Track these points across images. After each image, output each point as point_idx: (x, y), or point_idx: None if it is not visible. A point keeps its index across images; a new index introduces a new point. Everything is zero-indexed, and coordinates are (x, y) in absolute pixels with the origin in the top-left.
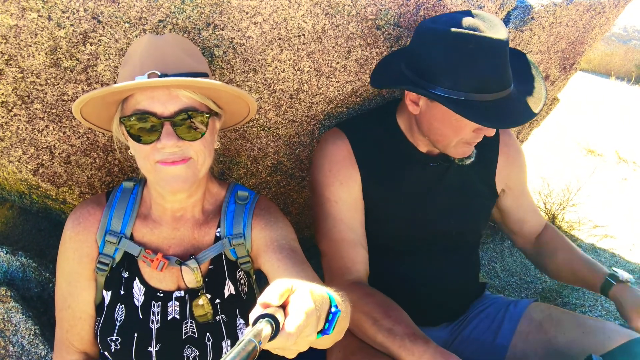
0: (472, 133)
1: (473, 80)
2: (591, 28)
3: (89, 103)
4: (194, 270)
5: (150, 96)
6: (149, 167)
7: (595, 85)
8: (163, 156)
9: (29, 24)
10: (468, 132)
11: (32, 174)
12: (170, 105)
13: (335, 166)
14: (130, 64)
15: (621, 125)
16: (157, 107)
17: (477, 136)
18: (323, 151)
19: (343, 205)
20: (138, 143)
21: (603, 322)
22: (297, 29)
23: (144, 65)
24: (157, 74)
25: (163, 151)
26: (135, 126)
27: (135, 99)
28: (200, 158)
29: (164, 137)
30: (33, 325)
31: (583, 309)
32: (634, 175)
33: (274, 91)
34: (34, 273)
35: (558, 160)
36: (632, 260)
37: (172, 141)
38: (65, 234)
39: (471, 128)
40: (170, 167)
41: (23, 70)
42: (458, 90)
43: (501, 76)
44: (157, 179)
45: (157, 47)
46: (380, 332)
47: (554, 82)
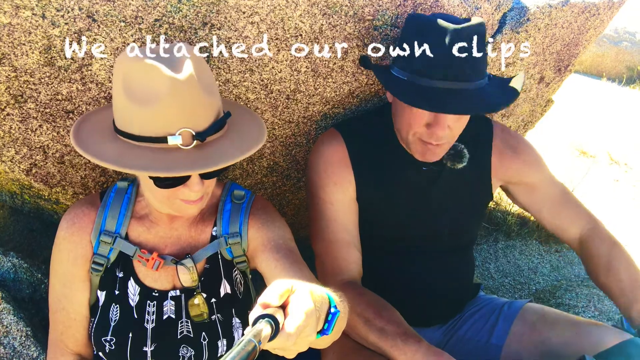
0: (424, 128)
1: (418, 62)
2: (586, 30)
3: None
4: (190, 270)
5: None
6: (165, 201)
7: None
8: (187, 198)
9: (23, 22)
10: (419, 125)
11: (24, 174)
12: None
13: (330, 167)
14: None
15: (613, 127)
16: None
17: (430, 134)
18: (319, 152)
19: (337, 206)
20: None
21: (596, 323)
22: (294, 29)
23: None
24: (191, 133)
25: (186, 194)
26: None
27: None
28: (211, 190)
29: (193, 185)
30: (25, 327)
31: (576, 309)
32: (625, 177)
33: (271, 92)
34: (25, 274)
35: (551, 162)
36: None
37: (199, 187)
38: (59, 235)
39: (421, 120)
40: (190, 205)
41: (16, 69)
42: (405, 71)
43: (451, 63)
44: (171, 209)
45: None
46: (372, 332)
47: (549, 83)
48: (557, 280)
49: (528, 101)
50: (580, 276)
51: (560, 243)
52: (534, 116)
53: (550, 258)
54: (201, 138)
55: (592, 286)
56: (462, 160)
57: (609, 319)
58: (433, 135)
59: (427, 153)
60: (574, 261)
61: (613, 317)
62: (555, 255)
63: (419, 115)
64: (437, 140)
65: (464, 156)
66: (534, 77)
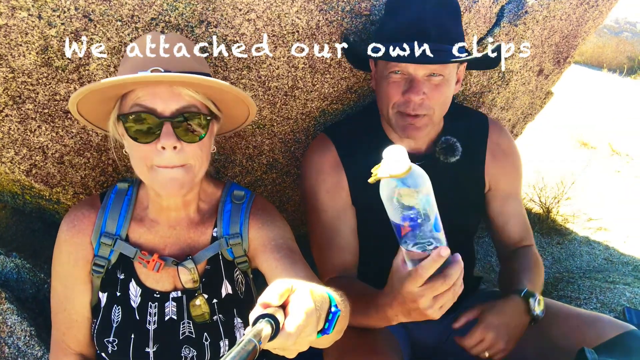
0: (401, 97)
1: (389, 30)
2: (584, 21)
3: (87, 97)
4: (191, 271)
5: (152, 92)
6: (145, 169)
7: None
8: (161, 161)
9: (19, 23)
10: (396, 94)
11: (25, 175)
12: (172, 103)
13: (322, 175)
14: (132, 60)
15: (614, 118)
16: (158, 104)
17: (406, 102)
18: (310, 160)
19: (331, 213)
20: (136, 142)
21: (598, 315)
22: (291, 26)
23: (147, 62)
24: (160, 71)
25: (162, 156)
26: (134, 124)
27: (136, 94)
28: (197, 163)
29: (163, 137)
30: (28, 327)
31: (578, 301)
32: (627, 168)
33: (269, 88)
34: (28, 274)
35: (552, 154)
36: (626, 252)
37: (172, 141)
38: (60, 238)
39: (398, 88)
40: (167, 170)
41: (14, 70)
42: (379, 43)
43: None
44: (152, 181)
45: (160, 45)
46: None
47: (548, 75)
48: (559, 273)
49: (527, 93)
50: (582, 268)
51: (562, 235)
52: (533, 108)
53: (552, 250)
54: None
55: (594, 278)
56: (455, 153)
57: (611, 311)
58: (410, 103)
59: (408, 128)
60: (575, 253)
61: (615, 308)
62: (557, 248)
63: (395, 83)
64: (415, 109)
65: (457, 149)
66: (533, 70)
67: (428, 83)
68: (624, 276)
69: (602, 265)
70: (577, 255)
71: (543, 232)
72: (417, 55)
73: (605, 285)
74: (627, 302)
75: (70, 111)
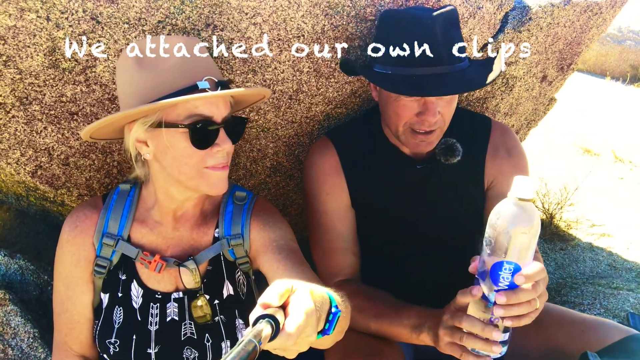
0: (415, 118)
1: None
2: (588, 29)
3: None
4: (193, 271)
5: (210, 102)
6: (194, 173)
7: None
8: (217, 161)
9: (28, 25)
10: (409, 115)
11: (30, 176)
12: (223, 110)
13: (322, 177)
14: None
15: (617, 125)
16: (214, 112)
17: (421, 121)
18: (311, 162)
19: (332, 215)
20: (194, 148)
21: (602, 320)
22: (296, 30)
23: (197, 69)
24: (214, 80)
25: (217, 156)
26: (199, 133)
27: (193, 104)
28: (229, 159)
29: (222, 142)
30: (32, 329)
31: (582, 307)
32: (630, 175)
33: (274, 92)
34: (32, 276)
35: (555, 160)
36: (629, 258)
37: (228, 145)
38: (62, 238)
39: (410, 111)
40: (219, 172)
41: (21, 71)
42: (387, 65)
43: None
44: (201, 183)
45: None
46: (370, 320)
47: (552, 82)
48: (562, 278)
49: (531, 100)
50: (585, 274)
51: (565, 241)
52: (537, 115)
53: (555, 256)
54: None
55: (598, 284)
56: (455, 154)
57: (614, 316)
58: (425, 123)
59: (420, 144)
60: (578, 259)
61: (619, 314)
62: (560, 253)
63: (408, 106)
64: (429, 126)
65: (457, 150)
66: (536, 76)
67: (441, 101)
68: (628, 282)
69: (605, 271)
70: (581, 261)
71: (546, 238)
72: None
73: (608, 291)
74: (631, 307)
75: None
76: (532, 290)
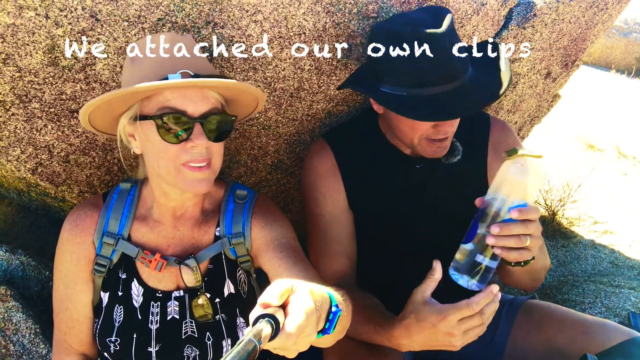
0: (431, 129)
1: (412, 75)
2: (594, 25)
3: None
4: (194, 270)
5: (182, 95)
6: (171, 169)
7: (596, 78)
8: (192, 157)
9: (26, 23)
10: (425, 128)
11: (30, 173)
12: (200, 105)
13: (319, 180)
14: (151, 61)
15: (621, 120)
16: (188, 106)
17: (437, 132)
18: (308, 165)
19: (328, 218)
20: (165, 142)
21: (603, 322)
22: (297, 27)
23: (175, 64)
24: (189, 74)
25: (192, 152)
26: (165, 125)
27: (164, 97)
28: (217, 160)
29: (196, 138)
30: (33, 324)
31: (583, 306)
32: (634, 171)
33: (274, 90)
34: (33, 272)
35: (558, 156)
36: (631, 256)
37: (204, 141)
38: (62, 237)
39: (427, 124)
40: (196, 172)
41: (21, 69)
42: (400, 86)
43: (443, 68)
44: (178, 181)
45: (183, 46)
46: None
47: (556, 79)
48: (564, 276)
49: (534, 96)
50: (587, 272)
51: (567, 238)
52: (540, 111)
53: (557, 253)
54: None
55: (599, 282)
56: (455, 154)
57: (615, 315)
58: (441, 132)
59: (437, 151)
60: (580, 257)
61: (620, 313)
62: (561, 251)
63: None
64: (446, 134)
65: (457, 149)
66: (540, 73)
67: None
68: (630, 280)
69: (607, 269)
70: (583, 258)
71: (548, 235)
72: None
73: (610, 290)
74: (632, 306)
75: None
76: (523, 225)
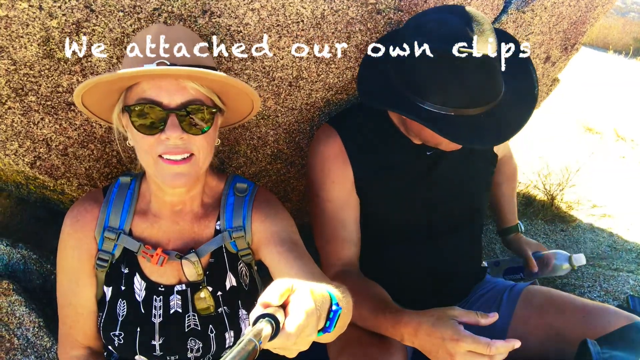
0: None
1: (462, 97)
2: (593, 7)
3: (93, 89)
4: (195, 264)
5: (157, 85)
6: (150, 161)
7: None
8: (166, 149)
9: (20, 15)
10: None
11: (29, 167)
12: (177, 96)
13: (327, 165)
14: (138, 51)
15: (619, 103)
16: (163, 97)
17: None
18: (315, 150)
19: (336, 203)
20: (141, 134)
21: (603, 306)
22: (295, 15)
23: (153, 54)
24: (166, 64)
25: (166, 143)
26: (140, 116)
27: (141, 88)
28: (202, 154)
29: (168, 129)
30: (37, 318)
31: (582, 289)
32: (632, 154)
33: (273, 79)
34: (35, 265)
35: (557, 140)
36: (629, 239)
37: (177, 133)
38: (64, 232)
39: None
40: (172, 165)
41: (15, 62)
42: (447, 107)
43: (491, 88)
44: (157, 174)
45: (166, 37)
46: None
47: (555, 62)
48: None
49: None
50: (585, 255)
51: (566, 222)
52: (539, 96)
53: (556, 237)
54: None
55: (598, 265)
56: None
57: (614, 299)
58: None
59: (453, 147)
60: (579, 240)
61: (619, 297)
62: (560, 235)
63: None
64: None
65: None
66: (539, 57)
67: None
68: (628, 263)
69: (606, 253)
70: (581, 242)
71: (547, 219)
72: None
73: (609, 273)
74: (631, 289)
75: (75, 103)
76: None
